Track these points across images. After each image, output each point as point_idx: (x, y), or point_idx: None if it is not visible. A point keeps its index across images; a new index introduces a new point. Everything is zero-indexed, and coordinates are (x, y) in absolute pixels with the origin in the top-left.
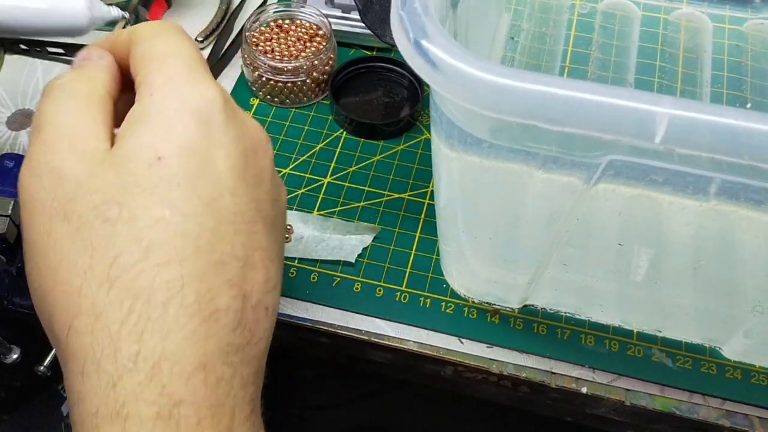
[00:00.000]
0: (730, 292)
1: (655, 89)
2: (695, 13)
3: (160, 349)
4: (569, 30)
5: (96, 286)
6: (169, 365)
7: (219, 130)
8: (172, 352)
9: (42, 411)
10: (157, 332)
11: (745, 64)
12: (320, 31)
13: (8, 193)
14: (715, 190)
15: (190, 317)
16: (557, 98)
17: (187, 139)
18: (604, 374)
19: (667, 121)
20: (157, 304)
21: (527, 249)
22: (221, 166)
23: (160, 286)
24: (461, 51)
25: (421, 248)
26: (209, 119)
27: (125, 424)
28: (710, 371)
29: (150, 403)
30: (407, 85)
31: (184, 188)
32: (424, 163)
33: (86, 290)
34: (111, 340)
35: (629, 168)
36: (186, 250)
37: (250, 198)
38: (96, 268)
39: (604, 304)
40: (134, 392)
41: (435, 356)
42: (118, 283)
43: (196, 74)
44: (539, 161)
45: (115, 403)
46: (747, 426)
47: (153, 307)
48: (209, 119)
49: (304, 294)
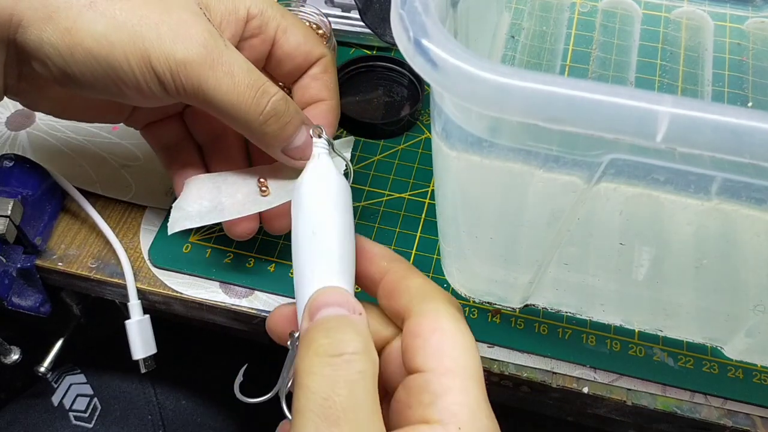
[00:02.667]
0: (731, 291)
1: (656, 88)
2: (696, 11)
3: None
4: (570, 28)
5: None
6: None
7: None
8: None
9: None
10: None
11: (746, 62)
12: (320, 31)
13: (8, 193)
14: (716, 189)
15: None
16: (558, 97)
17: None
18: (606, 374)
19: (669, 119)
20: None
21: (528, 248)
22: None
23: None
24: (461, 50)
25: (422, 248)
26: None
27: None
28: (712, 371)
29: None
30: (407, 85)
31: None
32: (424, 162)
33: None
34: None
35: (630, 167)
36: None
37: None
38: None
39: (606, 304)
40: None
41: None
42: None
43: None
44: (540, 160)
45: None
46: (749, 425)
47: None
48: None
49: None
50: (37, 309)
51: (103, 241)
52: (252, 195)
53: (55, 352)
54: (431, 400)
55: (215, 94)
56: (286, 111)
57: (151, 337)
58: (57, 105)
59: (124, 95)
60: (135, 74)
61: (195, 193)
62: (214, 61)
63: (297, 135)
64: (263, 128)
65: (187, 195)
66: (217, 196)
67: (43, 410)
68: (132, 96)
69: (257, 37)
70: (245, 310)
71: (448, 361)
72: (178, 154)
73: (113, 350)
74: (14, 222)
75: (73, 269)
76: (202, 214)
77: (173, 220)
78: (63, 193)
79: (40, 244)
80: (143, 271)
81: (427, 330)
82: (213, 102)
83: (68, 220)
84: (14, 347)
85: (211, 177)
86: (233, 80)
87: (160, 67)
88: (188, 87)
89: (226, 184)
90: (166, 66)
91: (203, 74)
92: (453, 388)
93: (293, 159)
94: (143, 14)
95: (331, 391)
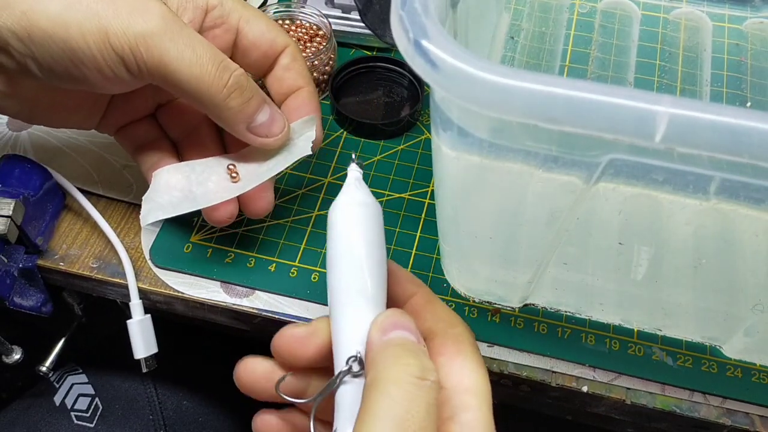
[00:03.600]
0: (730, 291)
1: (655, 88)
2: (695, 11)
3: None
4: (569, 29)
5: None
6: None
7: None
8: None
9: (35, 402)
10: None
11: (745, 62)
12: (320, 32)
13: (8, 194)
14: (715, 189)
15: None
16: (557, 98)
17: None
18: (605, 373)
19: (667, 120)
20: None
21: (527, 248)
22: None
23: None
24: (461, 51)
25: (422, 248)
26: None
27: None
28: (711, 370)
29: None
30: (407, 85)
31: None
32: (424, 162)
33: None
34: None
35: (629, 167)
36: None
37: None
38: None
39: (605, 303)
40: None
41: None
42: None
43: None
44: (539, 160)
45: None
46: (747, 424)
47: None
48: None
49: (304, 294)
50: (38, 309)
51: (104, 241)
52: (223, 182)
53: (56, 352)
54: (451, 414)
55: (178, 66)
56: (248, 85)
57: (153, 337)
58: (25, 105)
59: (86, 79)
60: (93, 53)
61: (164, 184)
62: (174, 33)
63: (260, 111)
64: (227, 102)
65: (156, 186)
66: (187, 185)
67: (44, 410)
68: (94, 79)
69: (220, 27)
70: (246, 309)
71: (468, 381)
72: (153, 152)
73: (115, 350)
74: (16, 222)
75: (75, 269)
76: (174, 204)
77: (145, 212)
78: (64, 194)
79: (41, 244)
80: (144, 271)
81: (452, 351)
82: (175, 76)
83: (70, 220)
84: (16, 347)
85: (178, 167)
86: (195, 53)
87: (119, 42)
88: (149, 61)
89: (194, 173)
90: (125, 40)
91: (164, 46)
92: (472, 406)
93: (259, 137)
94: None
95: (413, 407)
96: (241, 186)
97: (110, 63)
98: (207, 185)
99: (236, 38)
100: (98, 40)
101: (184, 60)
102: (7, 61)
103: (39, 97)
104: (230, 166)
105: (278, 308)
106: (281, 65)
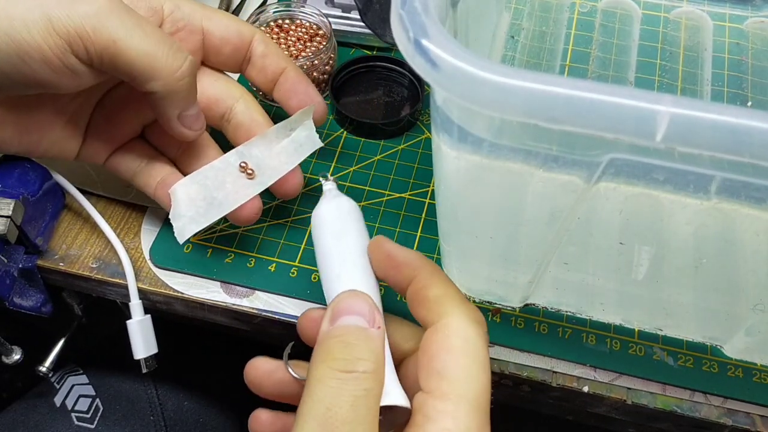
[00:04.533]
0: (731, 291)
1: (655, 88)
2: (695, 11)
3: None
4: (569, 28)
5: None
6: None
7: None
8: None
9: (36, 403)
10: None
11: (746, 62)
12: (320, 31)
13: (8, 194)
14: (715, 189)
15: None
16: (558, 97)
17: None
18: (606, 373)
19: (668, 119)
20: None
21: (528, 248)
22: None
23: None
24: (461, 50)
25: (422, 247)
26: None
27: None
28: (712, 370)
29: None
30: (407, 85)
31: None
32: (424, 162)
33: None
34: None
35: (630, 166)
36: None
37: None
38: None
39: (605, 303)
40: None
41: None
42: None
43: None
44: (540, 160)
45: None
46: (748, 424)
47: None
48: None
49: (304, 294)
50: (38, 309)
51: (104, 241)
52: (240, 180)
53: (56, 352)
54: (422, 423)
55: (129, 43)
56: (196, 72)
57: (153, 337)
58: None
59: (36, 76)
60: (38, 42)
61: (185, 198)
62: (122, 12)
63: (194, 103)
64: (177, 85)
65: (179, 202)
66: (207, 192)
67: (45, 411)
68: (44, 73)
69: (183, 30)
70: (246, 309)
71: (445, 385)
72: (153, 173)
73: (115, 350)
74: (15, 222)
75: (75, 269)
76: (203, 214)
77: (179, 230)
78: (64, 194)
79: (41, 244)
80: (144, 271)
81: (435, 348)
82: (127, 55)
83: (69, 221)
84: (15, 347)
85: (191, 178)
86: (144, 31)
87: (63, 27)
88: (97, 41)
89: (208, 179)
90: (69, 23)
91: (111, 24)
92: (445, 414)
93: (184, 127)
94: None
95: (335, 403)
96: (261, 181)
97: (56, 51)
98: (225, 187)
99: (203, 39)
100: (42, 28)
101: (134, 38)
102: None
103: (2, 115)
104: (242, 164)
105: (278, 308)
106: (257, 54)
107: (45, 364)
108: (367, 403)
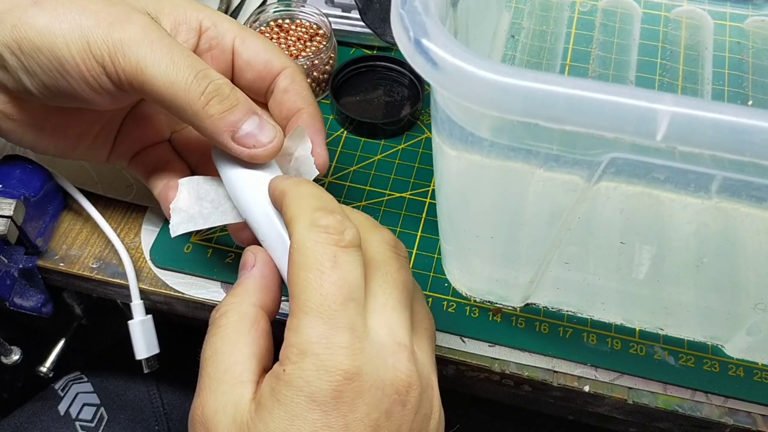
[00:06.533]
0: (732, 290)
1: (656, 87)
2: (696, 10)
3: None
4: (570, 28)
5: None
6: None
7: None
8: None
9: (40, 411)
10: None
11: (746, 60)
12: (320, 31)
13: (9, 194)
14: (716, 188)
15: None
16: (558, 96)
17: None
18: (607, 372)
19: (669, 118)
20: None
21: (529, 247)
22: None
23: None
24: (462, 49)
25: (423, 247)
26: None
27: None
28: (713, 369)
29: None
30: (408, 84)
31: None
32: (425, 162)
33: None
34: None
35: (631, 166)
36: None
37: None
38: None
39: (606, 303)
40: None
41: (437, 355)
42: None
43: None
44: (540, 159)
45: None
46: (750, 424)
47: None
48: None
49: None
50: (38, 309)
51: (104, 241)
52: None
53: (56, 353)
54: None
55: (154, 72)
56: (231, 94)
57: (154, 337)
58: (28, 129)
59: (75, 92)
60: (77, 61)
61: (193, 194)
62: (153, 41)
63: (247, 121)
64: (206, 110)
65: (185, 195)
66: (217, 197)
67: (49, 419)
68: (82, 90)
69: (216, 48)
70: None
71: (293, 304)
72: (168, 172)
73: (115, 350)
74: (16, 222)
75: (75, 270)
76: (205, 216)
77: (175, 223)
78: (65, 194)
79: (41, 244)
80: (145, 272)
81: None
82: (153, 83)
83: (70, 221)
84: (14, 348)
85: (206, 178)
86: (172, 59)
87: (98, 50)
88: (127, 68)
89: (222, 186)
90: (104, 47)
91: (140, 52)
92: (289, 330)
93: (246, 148)
94: (85, 6)
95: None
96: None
97: (92, 71)
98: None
99: (234, 59)
100: (81, 49)
101: (160, 66)
102: (4, 76)
103: (41, 120)
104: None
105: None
106: (280, 88)
107: (45, 365)
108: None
